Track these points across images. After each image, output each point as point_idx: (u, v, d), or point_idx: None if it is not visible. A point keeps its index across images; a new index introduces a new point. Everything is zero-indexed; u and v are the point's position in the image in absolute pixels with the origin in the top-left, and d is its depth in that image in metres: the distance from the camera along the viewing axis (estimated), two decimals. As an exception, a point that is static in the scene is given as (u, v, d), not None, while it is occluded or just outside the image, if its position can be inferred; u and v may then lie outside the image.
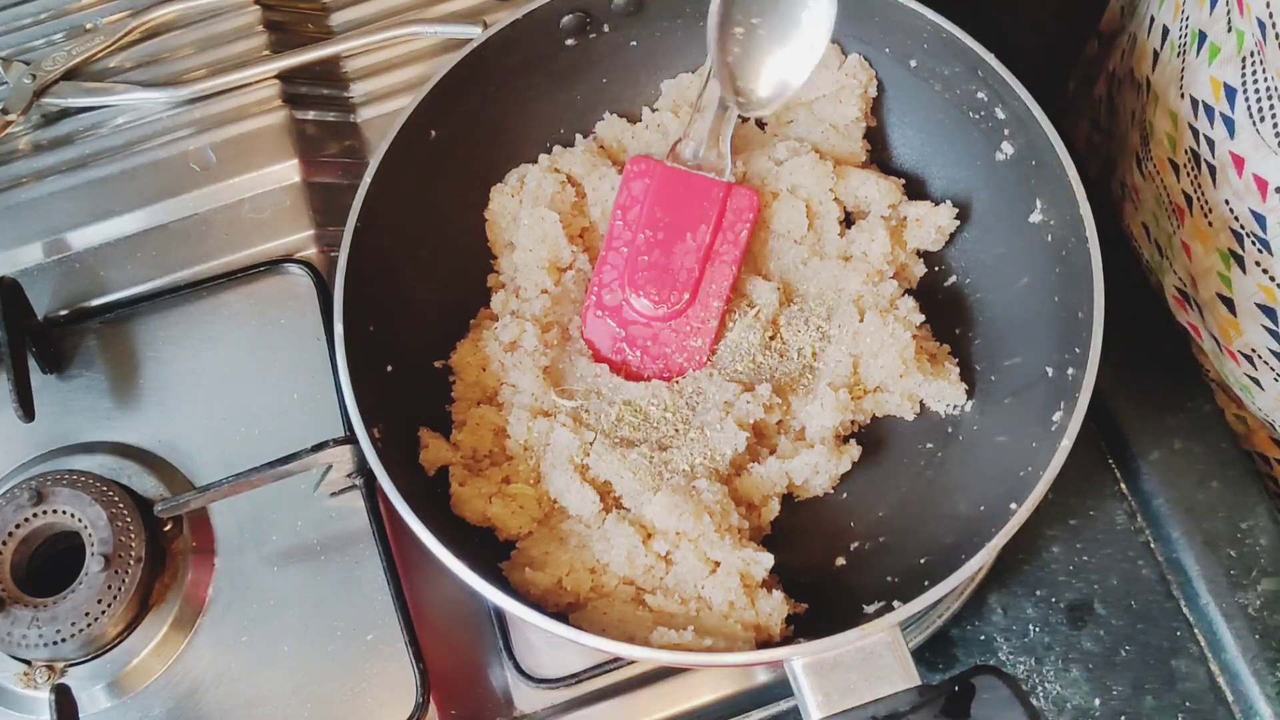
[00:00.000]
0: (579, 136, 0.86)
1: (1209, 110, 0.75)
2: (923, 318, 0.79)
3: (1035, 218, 0.75)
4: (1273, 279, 0.75)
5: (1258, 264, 0.76)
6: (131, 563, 0.75)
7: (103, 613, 0.73)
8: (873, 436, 0.79)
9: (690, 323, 0.79)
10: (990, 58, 0.74)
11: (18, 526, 0.75)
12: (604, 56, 0.85)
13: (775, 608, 0.69)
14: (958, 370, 0.78)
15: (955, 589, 0.67)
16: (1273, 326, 0.78)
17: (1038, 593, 0.87)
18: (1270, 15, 0.68)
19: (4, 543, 0.75)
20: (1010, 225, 0.77)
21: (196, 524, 0.79)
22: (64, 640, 0.73)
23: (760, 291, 0.80)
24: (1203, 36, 0.75)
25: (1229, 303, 0.81)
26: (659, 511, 0.70)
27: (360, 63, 0.98)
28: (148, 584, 0.76)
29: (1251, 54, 0.70)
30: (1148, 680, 0.84)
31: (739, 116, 0.85)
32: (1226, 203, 0.76)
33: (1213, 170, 0.76)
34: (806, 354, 0.80)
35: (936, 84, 0.79)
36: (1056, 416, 0.68)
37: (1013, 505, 0.65)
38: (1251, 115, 0.71)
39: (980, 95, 0.76)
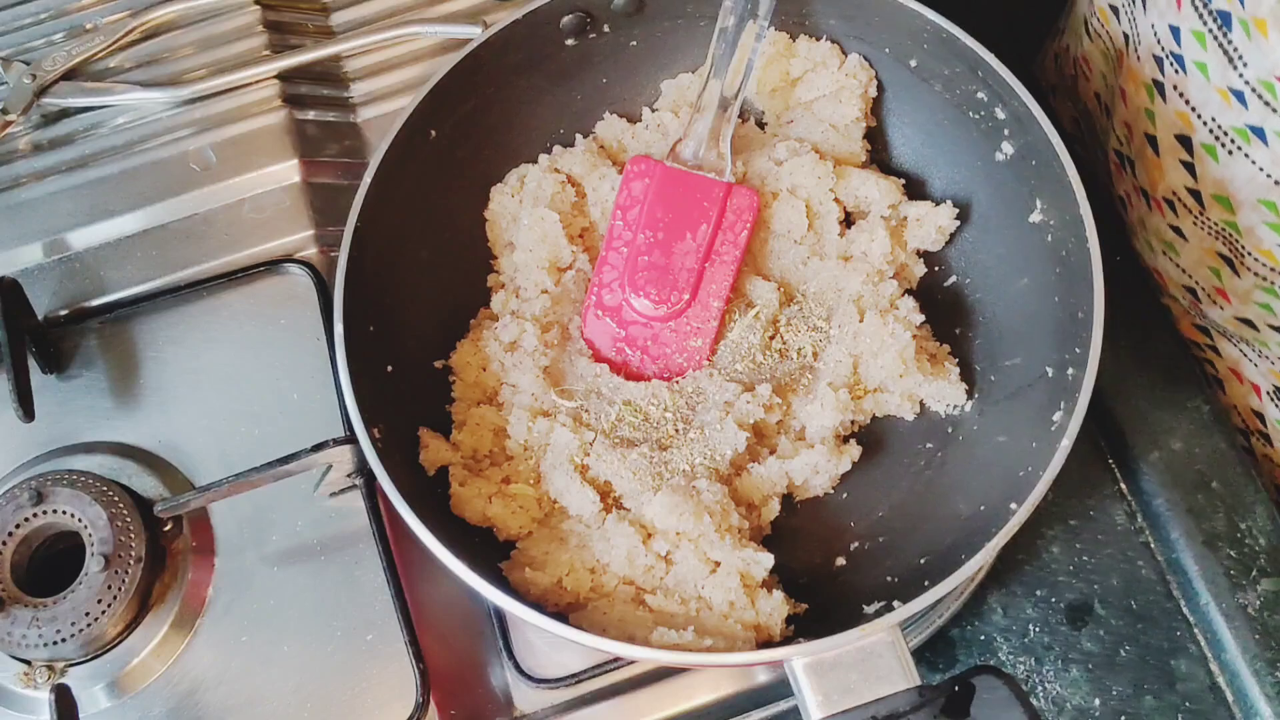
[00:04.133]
0: (579, 136, 0.86)
1: None
2: (923, 318, 0.79)
3: (1035, 218, 0.75)
4: (1187, 102, 0.75)
5: (1174, 88, 0.75)
6: (131, 563, 0.75)
7: (103, 613, 0.73)
8: (873, 436, 0.79)
9: (690, 323, 0.79)
10: (990, 58, 0.74)
11: (18, 526, 0.75)
12: (604, 57, 0.85)
13: (775, 608, 0.69)
14: (958, 370, 0.78)
15: (955, 589, 0.67)
16: (1188, 159, 0.77)
17: (1038, 593, 0.87)
18: None
19: (4, 543, 0.75)
20: (1010, 225, 0.77)
21: (196, 524, 0.79)
22: (64, 640, 0.73)
23: (760, 291, 0.80)
24: None
25: (1153, 142, 0.80)
26: (659, 511, 0.70)
27: (360, 63, 0.98)
28: (148, 584, 0.76)
29: None
30: (1148, 680, 0.84)
31: (739, 116, 0.85)
32: (1152, 27, 0.75)
33: None
34: (806, 354, 0.80)
35: (937, 84, 0.79)
36: (1056, 416, 0.68)
37: (1013, 505, 0.65)
38: None
39: (980, 95, 0.76)
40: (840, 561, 0.75)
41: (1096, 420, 0.90)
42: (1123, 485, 0.90)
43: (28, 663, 0.74)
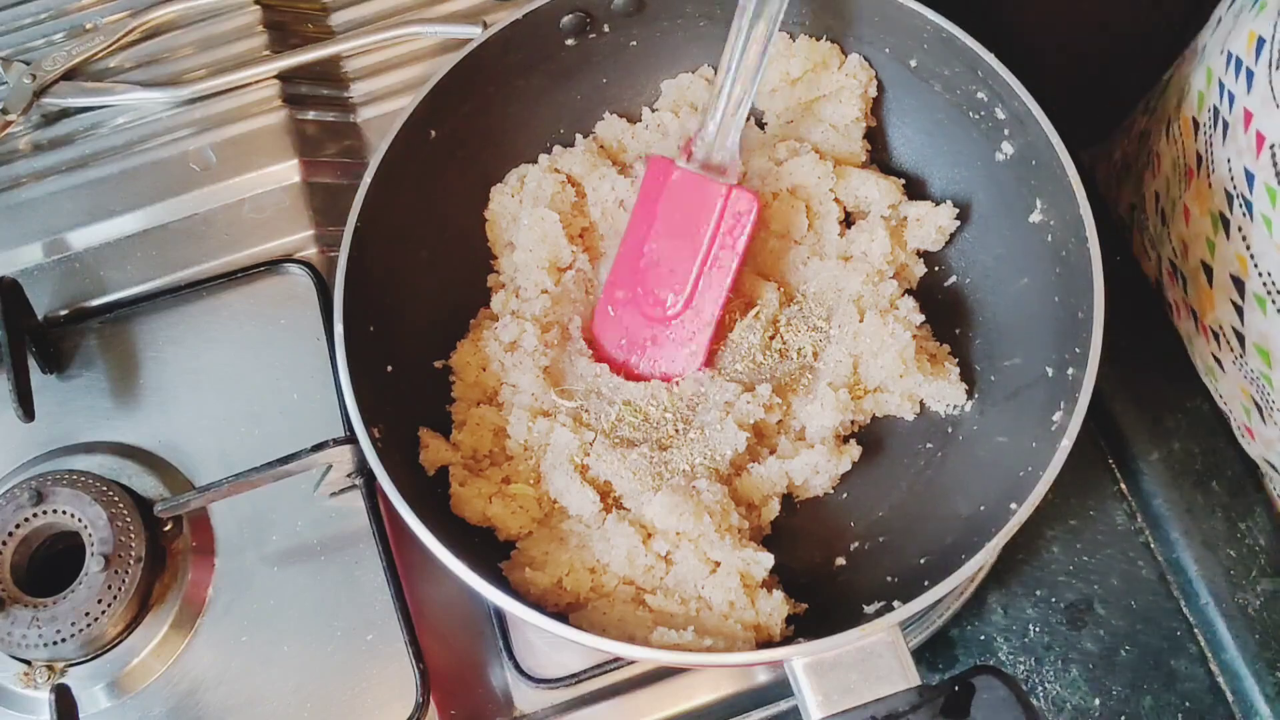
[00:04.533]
0: (579, 136, 0.86)
1: (1239, 64, 0.73)
2: (923, 318, 0.79)
3: (1035, 218, 0.75)
4: (1248, 247, 0.75)
5: (1239, 229, 0.75)
6: (131, 563, 0.75)
7: (103, 613, 0.73)
8: (873, 436, 0.79)
9: (686, 326, 0.79)
10: (990, 57, 0.74)
11: (18, 526, 0.75)
12: (604, 57, 0.85)
13: (775, 608, 0.69)
14: (958, 370, 0.78)
15: (955, 589, 0.67)
16: (1239, 302, 0.77)
17: (1038, 593, 0.87)
18: None
19: (4, 543, 0.75)
20: (1010, 225, 0.77)
21: (196, 524, 0.79)
22: (64, 640, 0.73)
23: (760, 292, 0.80)
24: None
25: (1209, 272, 0.80)
26: (659, 511, 0.70)
27: (360, 63, 0.98)
28: (148, 584, 0.76)
29: None
30: (1147, 680, 0.84)
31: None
32: (1228, 161, 0.75)
33: (1225, 126, 0.75)
34: (807, 354, 0.80)
35: (936, 84, 0.79)
36: (1056, 417, 0.68)
37: (1013, 505, 0.65)
38: (1270, 65, 0.70)
39: (980, 95, 0.76)
40: (840, 561, 0.75)
41: (1096, 420, 0.90)
42: (1123, 485, 0.90)
43: (28, 663, 0.74)
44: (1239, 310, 0.78)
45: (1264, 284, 0.75)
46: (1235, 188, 0.74)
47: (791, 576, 0.73)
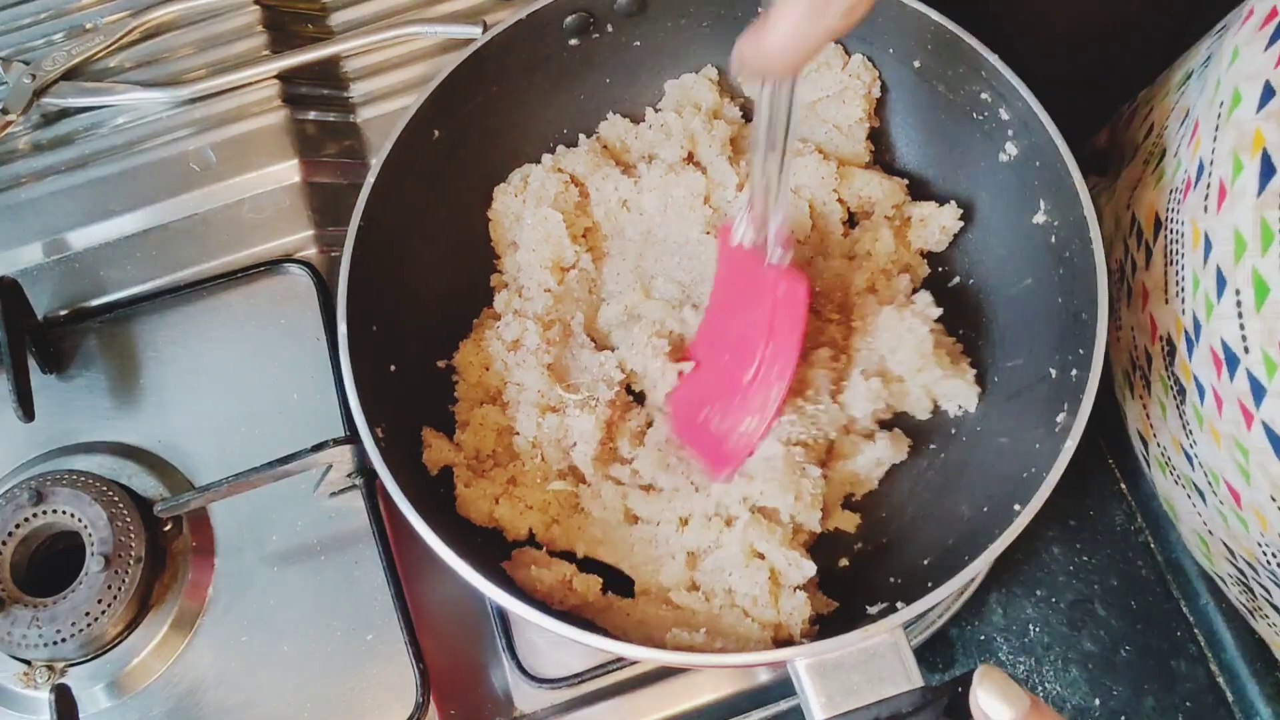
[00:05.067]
0: (582, 136, 0.86)
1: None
2: (940, 310, 0.78)
3: (1039, 219, 0.75)
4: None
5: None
6: (131, 563, 0.74)
7: (103, 613, 0.73)
8: (874, 437, 0.79)
9: (747, 404, 0.74)
10: (994, 59, 0.74)
11: (18, 526, 0.75)
12: (607, 57, 0.85)
13: (797, 607, 0.69)
14: (974, 371, 0.77)
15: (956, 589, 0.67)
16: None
17: (1038, 593, 0.87)
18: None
19: (4, 543, 0.75)
20: (1013, 226, 0.77)
21: (196, 524, 0.79)
22: (64, 640, 0.73)
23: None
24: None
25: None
26: (761, 467, 0.71)
27: (360, 63, 0.98)
28: (148, 584, 0.76)
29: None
30: (1147, 680, 0.84)
31: (741, 118, 0.85)
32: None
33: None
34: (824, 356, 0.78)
35: (940, 85, 0.79)
36: (1060, 418, 0.68)
37: (1016, 507, 0.64)
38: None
39: (984, 96, 0.76)
40: (843, 562, 0.75)
41: (1097, 420, 0.90)
42: (1123, 485, 0.90)
43: (28, 663, 0.74)
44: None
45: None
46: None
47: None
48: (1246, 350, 0.61)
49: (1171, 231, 0.69)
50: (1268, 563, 0.68)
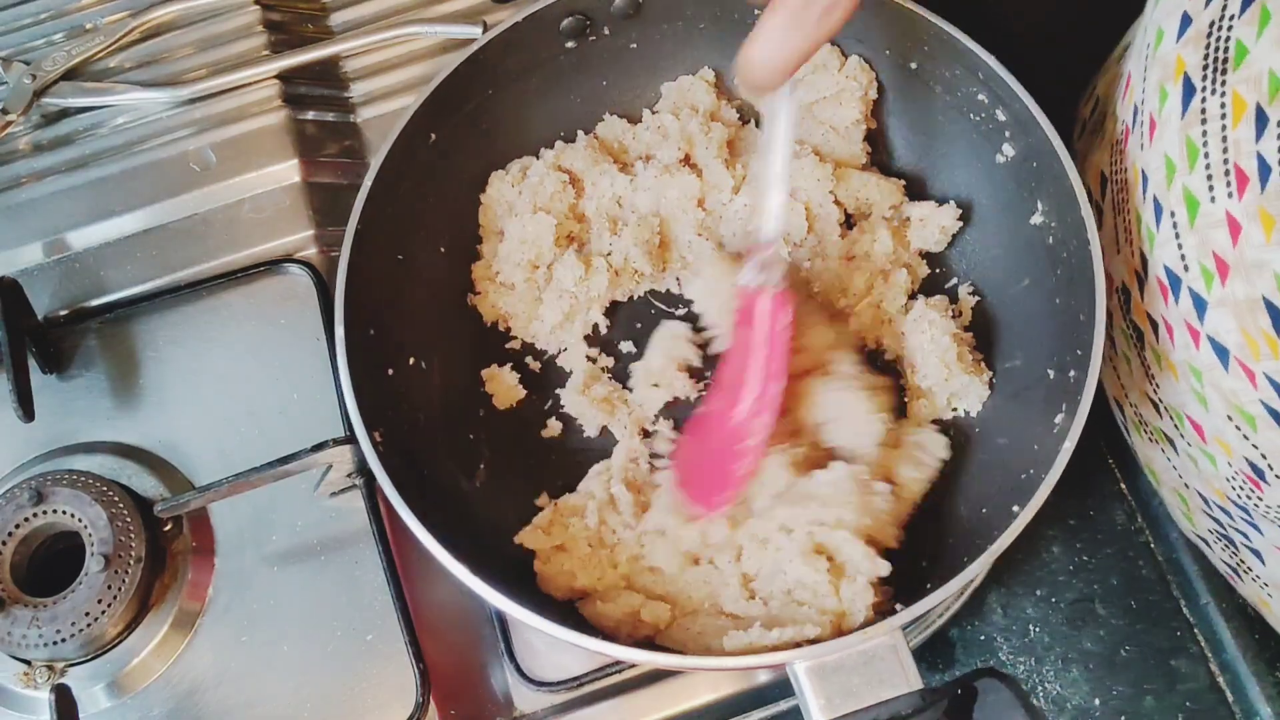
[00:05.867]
0: (580, 134, 0.86)
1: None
2: (963, 319, 0.78)
3: (1036, 219, 0.75)
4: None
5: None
6: (131, 563, 0.75)
7: (103, 613, 0.73)
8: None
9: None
10: (991, 60, 0.74)
11: (18, 526, 0.75)
12: (603, 59, 0.84)
13: (859, 593, 0.67)
14: (990, 374, 0.77)
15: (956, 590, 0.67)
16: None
17: (1038, 593, 0.87)
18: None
19: (4, 543, 0.75)
20: (1011, 227, 0.77)
21: (196, 524, 0.79)
22: (64, 640, 0.73)
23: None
24: None
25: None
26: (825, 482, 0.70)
27: (360, 63, 0.98)
28: (148, 584, 0.76)
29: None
30: (1148, 680, 0.84)
31: (740, 120, 0.85)
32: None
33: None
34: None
35: (937, 86, 0.79)
36: (1058, 419, 0.67)
37: (1015, 508, 0.64)
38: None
39: (981, 97, 0.76)
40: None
41: (1096, 420, 0.90)
42: (1123, 485, 0.90)
43: (28, 663, 0.74)
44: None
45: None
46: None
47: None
48: (1186, 269, 0.62)
49: (1115, 183, 0.70)
50: (1237, 498, 0.68)
